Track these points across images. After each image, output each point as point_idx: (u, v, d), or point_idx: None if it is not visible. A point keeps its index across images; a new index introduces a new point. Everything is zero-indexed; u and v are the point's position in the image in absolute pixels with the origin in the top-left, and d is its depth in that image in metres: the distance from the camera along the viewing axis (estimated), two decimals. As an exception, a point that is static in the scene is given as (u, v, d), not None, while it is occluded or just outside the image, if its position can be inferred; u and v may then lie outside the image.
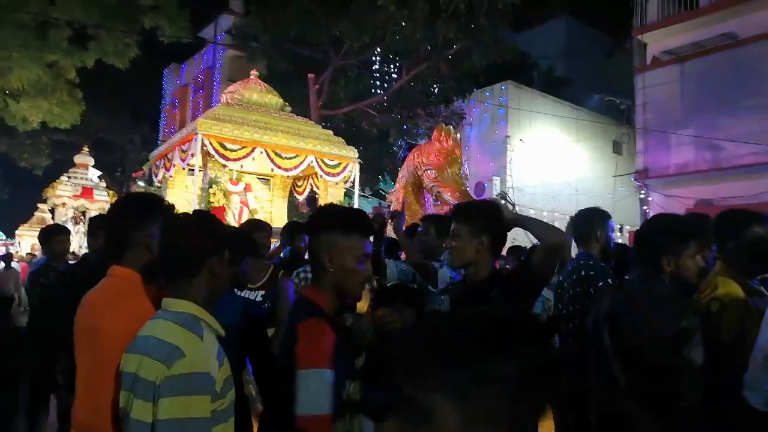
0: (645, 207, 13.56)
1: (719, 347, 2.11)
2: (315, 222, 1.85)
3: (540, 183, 16.08)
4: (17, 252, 18.81)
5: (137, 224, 1.82)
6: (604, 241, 2.91)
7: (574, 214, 3.10)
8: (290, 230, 4.56)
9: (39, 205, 19.96)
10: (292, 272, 4.00)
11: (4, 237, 22.40)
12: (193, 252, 1.55)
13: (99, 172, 19.88)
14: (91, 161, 19.76)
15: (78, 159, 19.63)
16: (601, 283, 2.67)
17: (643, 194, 13.66)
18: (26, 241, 18.95)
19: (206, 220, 1.67)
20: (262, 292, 3.74)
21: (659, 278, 2.15)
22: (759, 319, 2.05)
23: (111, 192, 18.50)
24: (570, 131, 17.33)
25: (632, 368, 2.03)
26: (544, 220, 3.14)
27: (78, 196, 17.17)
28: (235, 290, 3.69)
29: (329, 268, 1.74)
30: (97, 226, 4.16)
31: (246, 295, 3.69)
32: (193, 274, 1.54)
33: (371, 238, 1.98)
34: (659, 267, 2.14)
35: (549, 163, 16.51)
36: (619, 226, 14.52)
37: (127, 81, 23.76)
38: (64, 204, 17.16)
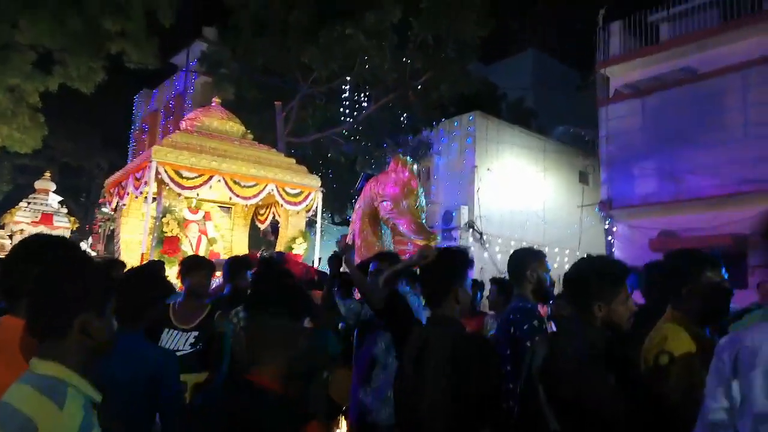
0: (609, 237, 13.67)
1: (667, 403, 1.99)
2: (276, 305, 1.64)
3: (507, 212, 16.14)
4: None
5: (31, 271, 1.65)
6: (536, 280, 2.83)
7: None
8: (233, 267, 4.37)
9: (-3, 232, 19.32)
10: (230, 311, 3.82)
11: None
12: (61, 308, 1.38)
13: (60, 198, 19.38)
14: (53, 186, 19.25)
15: (38, 184, 19.10)
16: (526, 326, 2.59)
17: (608, 224, 13.78)
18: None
19: (82, 268, 1.49)
20: (196, 333, 3.55)
21: (591, 324, 2.07)
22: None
23: (72, 219, 18.02)
24: (537, 161, 17.52)
25: (569, 424, 1.95)
26: (509, 250, 3.13)
27: (37, 222, 16.66)
28: (167, 330, 3.52)
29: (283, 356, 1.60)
30: None
31: (177, 337, 3.50)
32: (60, 333, 1.37)
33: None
34: (591, 313, 2.06)
35: (516, 193, 16.62)
36: (585, 256, 14.59)
37: (97, 105, 23.40)
38: (22, 231, 16.62)
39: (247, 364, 1.59)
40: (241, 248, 9.58)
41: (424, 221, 6.19)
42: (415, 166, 6.55)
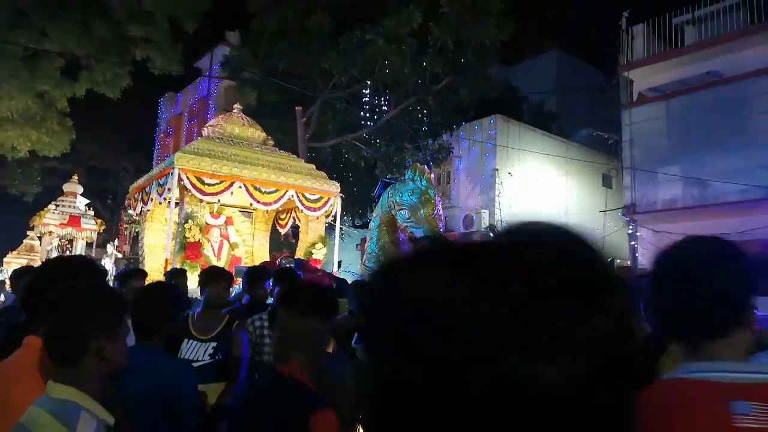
0: (633, 242, 13.47)
1: None
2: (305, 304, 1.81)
3: (529, 216, 15.98)
4: (4, 279, 18.63)
5: (49, 295, 1.72)
6: None
7: None
8: (252, 277, 4.43)
9: (28, 233, 19.82)
10: (247, 320, 3.89)
11: (-8, 264, 22.19)
12: (76, 334, 1.43)
13: (87, 201, 19.82)
14: (80, 189, 19.70)
15: (66, 187, 19.59)
16: None
17: (632, 229, 13.58)
18: (14, 269, 18.79)
19: (97, 295, 1.54)
20: (214, 344, 3.61)
21: None
22: None
23: (99, 221, 18.41)
24: (559, 165, 17.34)
25: None
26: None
27: (65, 225, 17.06)
28: (186, 340, 3.59)
29: (311, 350, 1.76)
30: (19, 277, 4.10)
31: (196, 347, 3.57)
32: (76, 357, 1.43)
33: None
34: None
35: (538, 197, 16.48)
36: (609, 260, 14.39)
37: (122, 109, 23.91)
38: (50, 232, 17.05)
39: (277, 358, 1.79)
40: (263, 253, 9.69)
41: (441, 230, 6.19)
42: (432, 175, 6.55)
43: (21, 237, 20.10)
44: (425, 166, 6.92)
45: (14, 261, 19.07)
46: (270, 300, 4.39)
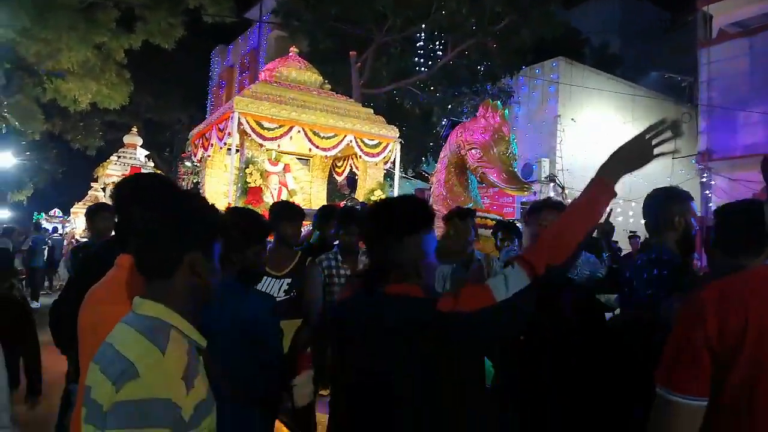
0: (707, 192, 12.69)
1: None
2: (402, 224, 1.71)
3: (591, 165, 15.04)
4: (72, 229, 19.57)
5: (139, 211, 1.61)
6: (683, 228, 2.32)
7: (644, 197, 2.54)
8: (323, 216, 4.30)
9: (92, 184, 20.61)
10: (319, 258, 3.75)
11: (61, 214, 23.30)
12: (170, 245, 1.28)
13: (146, 152, 20.33)
14: (140, 141, 20.24)
15: (127, 139, 20.16)
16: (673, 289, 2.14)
17: (705, 178, 12.78)
18: (81, 219, 19.64)
19: (191, 207, 1.38)
20: (288, 280, 3.50)
21: None
22: None
23: (159, 171, 18.89)
24: (625, 110, 16.39)
25: None
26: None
27: (126, 176, 17.60)
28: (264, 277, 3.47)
29: (419, 270, 1.68)
30: (94, 212, 4.18)
31: (271, 284, 3.46)
32: (168, 271, 1.28)
33: None
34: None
35: (602, 144, 15.65)
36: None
37: (176, 63, 24.13)
38: (113, 183, 17.64)
39: (377, 280, 1.71)
40: (320, 200, 9.61)
41: (516, 170, 5.84)
42: (506, 111, 6.15)
43: (86, 189, 20.94)
44: (498, 102, 6.52)
45: (80, 211, 19.96)
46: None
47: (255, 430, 2.16)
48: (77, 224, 19.49)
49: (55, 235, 16.90)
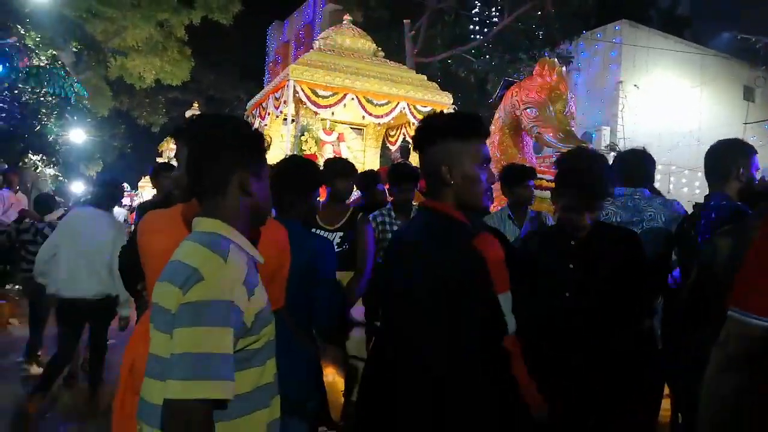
0: (781, 158, 11.93)
1: None
2: (426, 132, 1.67)
3: (655, 134, 14.64)
4: (141, 202, 20.57)
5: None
6: (746, 179, 2.27)
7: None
8: (367, 179, 4.44)
9: (157, 159, 21.49)
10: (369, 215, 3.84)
11: (129, 188, 24.48)
12: (218, 165, 1.35)
13: (206, 127, 20.92)
14: (201, 115, 20.88)
15: (188, 114, 20.82)
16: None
17: (780, 144, 12.02)
18: (148, 192, 20.60)
19: (237, 129, 1.43)
20: (341, 234, 3.60)
21: None
22: None
23: (218, 146, 19.49)
24: (693, 75, 15.54)
25: None
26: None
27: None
28: (313, 230, 3.59)
29: (450, 180, 1.61)
30: (158, 172, 4.46)
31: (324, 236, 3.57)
32: (219, 190, 1.35)
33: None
34: None
35: (667, 111, 14.98)
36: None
37: (234, 40, 24.61)
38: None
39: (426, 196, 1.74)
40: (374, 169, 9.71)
41: (573, 129, 5.67)
42: (564, 69, 5.96)
43: (149, 163, 21.87)
44: (555, 59, 6.33)
45: (147, 185, 20.92)
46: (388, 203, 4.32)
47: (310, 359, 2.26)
48: (144, 198, 20.45)
49: (125, 209, 17.88)
